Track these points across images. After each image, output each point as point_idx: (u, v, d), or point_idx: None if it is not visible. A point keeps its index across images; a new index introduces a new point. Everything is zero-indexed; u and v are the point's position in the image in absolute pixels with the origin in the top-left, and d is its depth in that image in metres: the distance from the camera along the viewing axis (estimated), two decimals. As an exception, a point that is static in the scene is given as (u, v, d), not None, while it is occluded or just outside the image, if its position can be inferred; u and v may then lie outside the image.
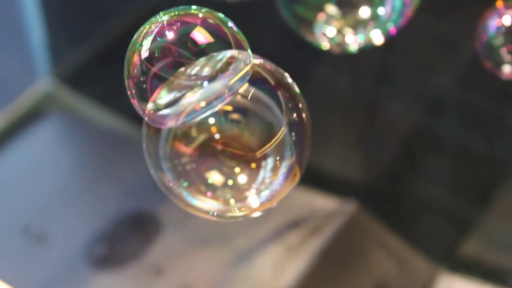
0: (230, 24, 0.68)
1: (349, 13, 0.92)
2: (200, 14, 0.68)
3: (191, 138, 0.72)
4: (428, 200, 1.70)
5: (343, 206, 1.61)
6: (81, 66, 2.00)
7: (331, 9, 0.92)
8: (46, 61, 1.99)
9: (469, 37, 1.55)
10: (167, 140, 0.72)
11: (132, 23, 1.92)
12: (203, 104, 0.66)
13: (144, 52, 0.66)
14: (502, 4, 0.91)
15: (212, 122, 0.71)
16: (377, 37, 0.93)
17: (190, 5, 0.69)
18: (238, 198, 0.75)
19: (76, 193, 1.75)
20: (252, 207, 0.74)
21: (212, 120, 0.71)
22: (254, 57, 0.70)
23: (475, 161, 1.68)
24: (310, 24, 0.92)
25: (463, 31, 1.57)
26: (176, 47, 0.66)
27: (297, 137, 0.73)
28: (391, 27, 0.92)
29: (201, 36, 0.66)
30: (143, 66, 0.66)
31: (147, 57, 0.66)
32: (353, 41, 0.93)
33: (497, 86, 1.56)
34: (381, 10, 0.91)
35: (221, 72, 0.66)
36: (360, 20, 0.92)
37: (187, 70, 0.65)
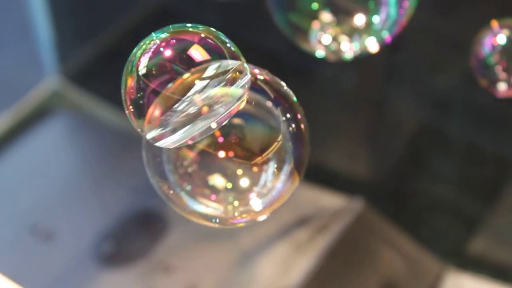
0: (225, 39, 0.68)
1: (344, 21, 0.92)
2: (195, 32, 0.68)
3: (193, 145, 0.72)
4: (435, 198, 1.70)
5: (351, 204, 1.61)
6: (88, 64, 2.00)
7: (326, 17, 0.92)
8: (53, 59, 2.00)
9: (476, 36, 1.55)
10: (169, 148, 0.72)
11: (139, 21, 1.93)
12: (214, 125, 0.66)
13: (142, 70, 0.66)
14: (497, 24, 0.92)
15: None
16: (372, 45, 0.93)
17: (184, 24, 0.69)
18: (237, 203, 0.76)
19: (84, 191, 1.76)
20: (252, 212, 0.74)
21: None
22: (251, 67, 0.71)
23: (482, 159, 1.67)
24: (305, 32, 0.92)
25: (470, 30, 1.56)
26: (173, 65, 0.66)
27: (295, 144, 0.73)
28: (386, 36, 0.92)
29: (197, 54, 0.66)
30: (141, 83, 0.66)
31: (145, 74, 0.66)
32: (348, 49, 0.93)
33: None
34: (375, 18, 0.91)
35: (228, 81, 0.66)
36: (355, 28, 0.92)
37: (186, 85, 0.65)
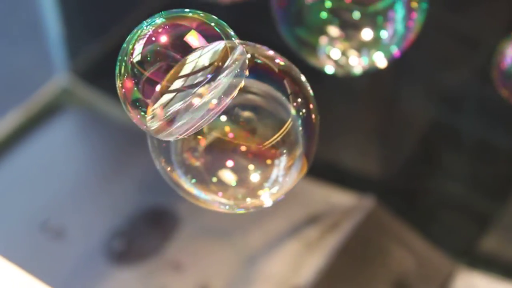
0: (221, 23, 0.67)
1: (352, 36, 0.91)
2: (191, 17, 0.67)
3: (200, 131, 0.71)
4: (447, 196, 1.69)
5: (362, 202, 1.61)
6: (98, 62, 2.00)
7: (334, 31, 0.91)
8: (63, 57, 2.00)
9: (489, 32, 1.55)
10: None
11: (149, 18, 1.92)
12: (214, 102, 0.65)
13: (136, 57, 0.65)
14: None
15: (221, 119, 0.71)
16: (380, 60, 0.92)
17: (181, 9, 0.68)
18: (246, 189, 0.75)
19: (94, 188, 1.76)
20: (260, 199, 0.74)
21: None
22: (268, 50, 0.70)
23: (494, 157, 1.67)
24: (312, 47, 0.92)
25: (483, 27, 1.56)
26: (168, 52, 0.64)
27: (304, 129, 0.71)
28: (395, 51, 0.91)
29: (193, 39, 0.65)
30: (136, 71, 0.65)
31: (139, 61, 0.65)
32: (357, 64, 0.92)
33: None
34: (383, 33, 0.90)
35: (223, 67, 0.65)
36: (364, 43, 0.91)
37: (183, 71, 0.64)
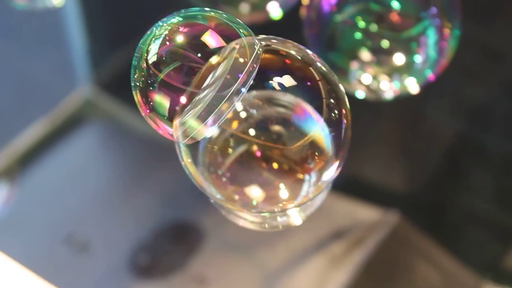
0: (238, 22, 0.65)
1: (384, 61, 0.91)
2: (208, 17, 0.64)
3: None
4: (472, 211, 1.68)
5: (387, 217, 1.60)
6: (121, 73, 2.01)
7: (366, 56, 0.91)
8: (86, 68, 2.00)
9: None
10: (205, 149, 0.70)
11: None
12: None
13: (152, 58, 0.63)
14: None
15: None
16: (412, 86, 0.92)
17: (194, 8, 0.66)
18: (275, 206, 0.74)
19: (117, 201, 1.76)
20: (289, 200, 0.72)
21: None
22: (308, 52, 0.68)
23: (520, 172, 1.66)
24: (344, 72, 0.91)
25: (509, 41, 1.55)
26: (186, 51, 0.62)
27: (335, 133, 0.69)
28: (427, 76, 0.91)
29: (211, 39, 0.63)
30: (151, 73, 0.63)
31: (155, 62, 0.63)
32: (388, 88, 0.92)
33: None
34: (416, 59, 0.90)
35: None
36: (395, 68, 0.91)
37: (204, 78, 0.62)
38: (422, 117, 1.69)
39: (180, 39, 0.63)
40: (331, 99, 0.68)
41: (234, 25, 0.64)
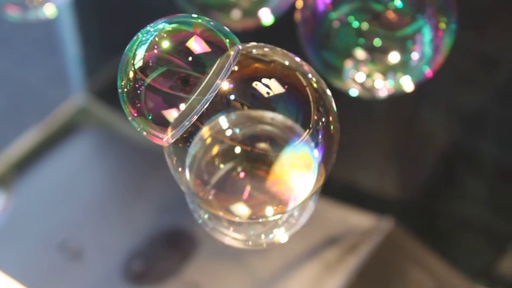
0: (224, 30, 0.66)
1: (378, 59, 0.91)
2: (194, 23, 0.65)
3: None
4: (466, 218, 1.68)
5: (380, 223, 1.60)
6: (114, 81, 2.00)
7: (360, 55, 0.91)
8: (80, 76, 2.00)
9: (510, 53, 1.54)
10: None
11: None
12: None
13: (138, 63, 0.64)
14: None
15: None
16: (407, 84, 0.92)
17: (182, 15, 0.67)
18: (262, 196, 0.73)
19: (111, 208, 1.75)
20: (277, 207, 0.71)
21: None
22: (298, 60, 0.68)
23: (513, 179, 1.66)
24: (339, 70, 0.92)
25: (503, 48, 1.55)
26: (172, 57, 0.63)
27: (323, 141, 0.68)
28: (424, 73, 0.91)
29: (195, 45, 0.64)
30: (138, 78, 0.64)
31: (141, 68, 0.64)
32: (382, 87, 0.92)
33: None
34: (410, 57, 0.90)
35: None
36: (390, 66, 0.91)
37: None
38: (416, 123, 1.70)
39: (166, 44, 0.64)
40: (319, 107, 0.67)
41: (220, 33, 0.65)
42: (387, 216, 1.61)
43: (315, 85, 0.67)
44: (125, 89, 0.65)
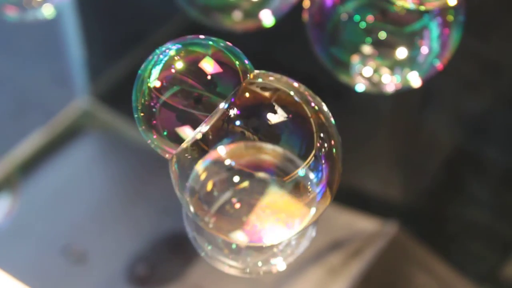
0: (237, 53, 0.68)
1: (386, 54, 0.91)
2: (208, 45, 0.68)
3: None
4: (471, 222, 1.68)
5: (385, 228, 1.60)
6: (118, 84, 2.01)
7: (367, 50, 0.91)
8: (84, 79, 2.00)
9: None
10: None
11: (169, 40, 1.93)
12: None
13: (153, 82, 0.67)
14: None
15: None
16: (414, 80, 0.92)
17: (197, 36, 0.69)
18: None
19: (115, 212, 1.75)
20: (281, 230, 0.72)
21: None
22: (292, 81, 0.69)
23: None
24: (346, 65, 0.92)
25: (508, 53, 1.55)
26: (185, 77, 0.66)
27: (326, 166, 0.67)
28: (431, 68, 0.91)
29: (208, 67, 0.66)
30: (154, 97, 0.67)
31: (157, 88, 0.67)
32: (390, 82, 0.92)
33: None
34: (418, 51, 0.90)
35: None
36: (398, 61, 0.91)
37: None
38: (421, 128, 1.70)
39: (179, 65, 0.67)
40: (321, 134, 0.67)
41: (231, 55, 0.68)
42: (392, 220, 1.61)
43: (318, 113, 0.67)
44: (140, 107, 0.68)
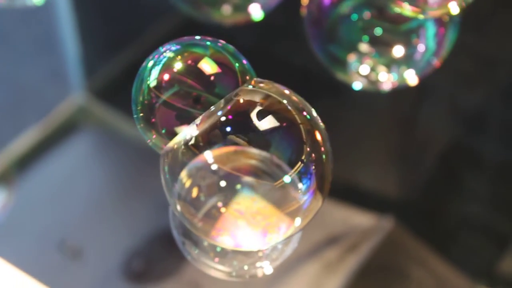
0: (235, 54, 0.70)
1: (383, 52, 0.91)
2: (207, 45, 0.69)
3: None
4: (467, 217, 1.68)
5: (381, 223, 1.60)
6: (114, 80, 2.01)
7: (365, 48, 0.91)
8: (80, 75, 2.00)
9: (509, 52, 1.54)
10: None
11: (165, 36, 1.93)
12: None
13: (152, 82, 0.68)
14: None
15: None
16: (411, 77, 0.92)
17: (195, 36, 0.71)
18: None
19: (111, 208, 1.75)
20: (275, 230, 0.71)
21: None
22: (283, 89, 0.69)
23: (514, 177, 1.66)
24: (343, 64, 0.92)
25: (504, 48, 1.55)
26: (184, 77, 0.67)
27: (315, 173, 0.67)
28: (428, 65, 0.91)
29: (207, 67, 0.68)
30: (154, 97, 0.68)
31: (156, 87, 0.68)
32: (386, 80, 0.92)
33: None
34: (415, 49, 0.90)
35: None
36: (394, 59, 0.91)
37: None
38: (417, 123, 1.70)
39: (178, 65, 0.68)
40: (310, 141, 0.68)
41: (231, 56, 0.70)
42: (388, 215, 1.61)
43: (308, 121, 0.68)
44: (139, 106, 0.70)
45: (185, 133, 0.67)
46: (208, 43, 0.70)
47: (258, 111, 0.67)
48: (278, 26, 1.19)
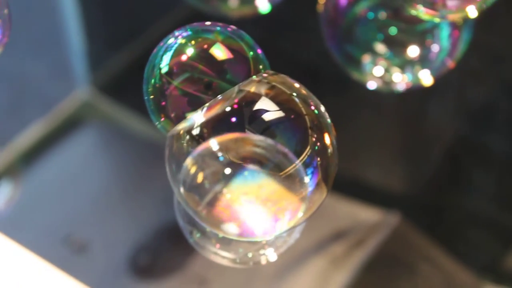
0: (249, 41, 0.70)
1: (398, 53, 0.92)
2: (218, 32, 0.70)
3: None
4: (473, 212, 1.68)
5: (387, 218, 1.60)
6: (119, 75, 2.00)
7: (380, 48, 0.92)
8: (84, 70, 2.00)
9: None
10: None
11: (170, 30, 1.92)
12: None
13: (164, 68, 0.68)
14: None
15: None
16: (425, 78, 0.92)
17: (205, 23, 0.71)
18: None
19: (117, 202, 1.75)
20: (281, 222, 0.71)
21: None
22: (293, 82, 0.69)
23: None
24: (359, 63, 0.93)
25: (510, 42, 1.55)
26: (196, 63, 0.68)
27: (320, 165, 0.68)
28: (443, 66, 0.92)
29: (220, 53, 0.68)
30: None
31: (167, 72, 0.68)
32: (401, 80, 0.93)
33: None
34: (429, 50, 0.91)
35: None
36: (409, 59, 0.92)
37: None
38: (423, 118, 1.70)
39: (190, 51, 0.68)
40: (316, 130, 0.68)
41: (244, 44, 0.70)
42: (394, 210, 1.60)
43: (315, 114, 0.69)
44: (150, 89, 0.70)
45: (193, 119, 0.67)
46: (223, 29, 0.70)
47: (267, 101, 0.67)
48: (285, 19, 1.19)
